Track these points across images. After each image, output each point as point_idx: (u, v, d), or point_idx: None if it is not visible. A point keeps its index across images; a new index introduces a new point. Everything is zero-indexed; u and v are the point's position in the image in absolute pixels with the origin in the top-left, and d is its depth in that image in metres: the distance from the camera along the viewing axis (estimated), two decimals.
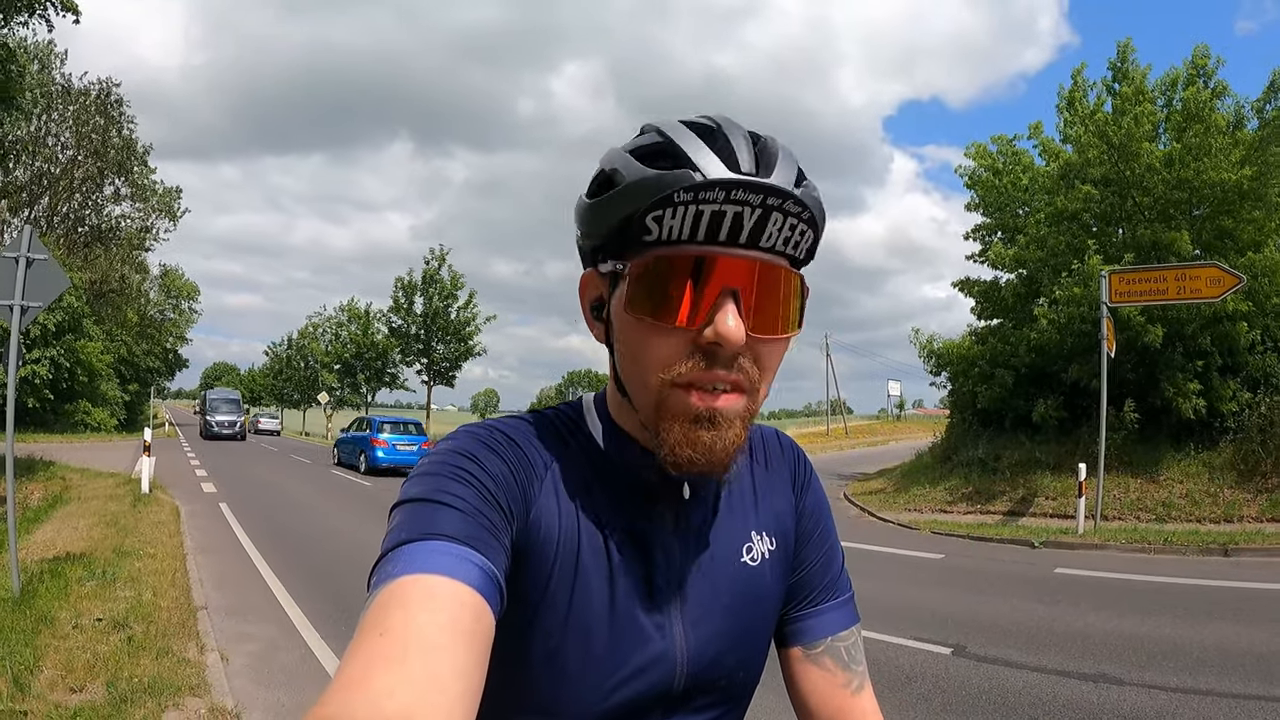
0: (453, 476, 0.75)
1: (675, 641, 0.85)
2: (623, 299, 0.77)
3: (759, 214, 0.73)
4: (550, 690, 0.81)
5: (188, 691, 4.61)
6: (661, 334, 0.75)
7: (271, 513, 13.24)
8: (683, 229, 0.73)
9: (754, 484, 0.96)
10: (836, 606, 0.98)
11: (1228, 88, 14.92)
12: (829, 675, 0.95)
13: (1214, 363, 14.31)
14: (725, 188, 0.71)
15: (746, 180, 0.71)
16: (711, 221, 0.72)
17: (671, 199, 0.72)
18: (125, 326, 47.08)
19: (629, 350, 0.79)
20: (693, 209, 0.72)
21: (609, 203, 0.77)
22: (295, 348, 66.55)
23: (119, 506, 12.02)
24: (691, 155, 0.74)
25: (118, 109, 40.46)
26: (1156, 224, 14.77)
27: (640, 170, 0.75)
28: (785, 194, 0.72)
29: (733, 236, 0.73)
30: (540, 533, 0.80)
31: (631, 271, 0.76)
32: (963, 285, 18.88)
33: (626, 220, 0.75)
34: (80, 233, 42.54)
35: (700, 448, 0.76)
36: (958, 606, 7.52)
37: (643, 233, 0.75)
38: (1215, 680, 5.22)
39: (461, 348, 46.22)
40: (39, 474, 15.89)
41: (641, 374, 0.78)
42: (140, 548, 8.69)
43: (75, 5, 15.40)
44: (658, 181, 0.73)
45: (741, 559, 0.91)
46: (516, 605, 0.78)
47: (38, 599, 6.16)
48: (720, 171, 0.73)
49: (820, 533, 1.00)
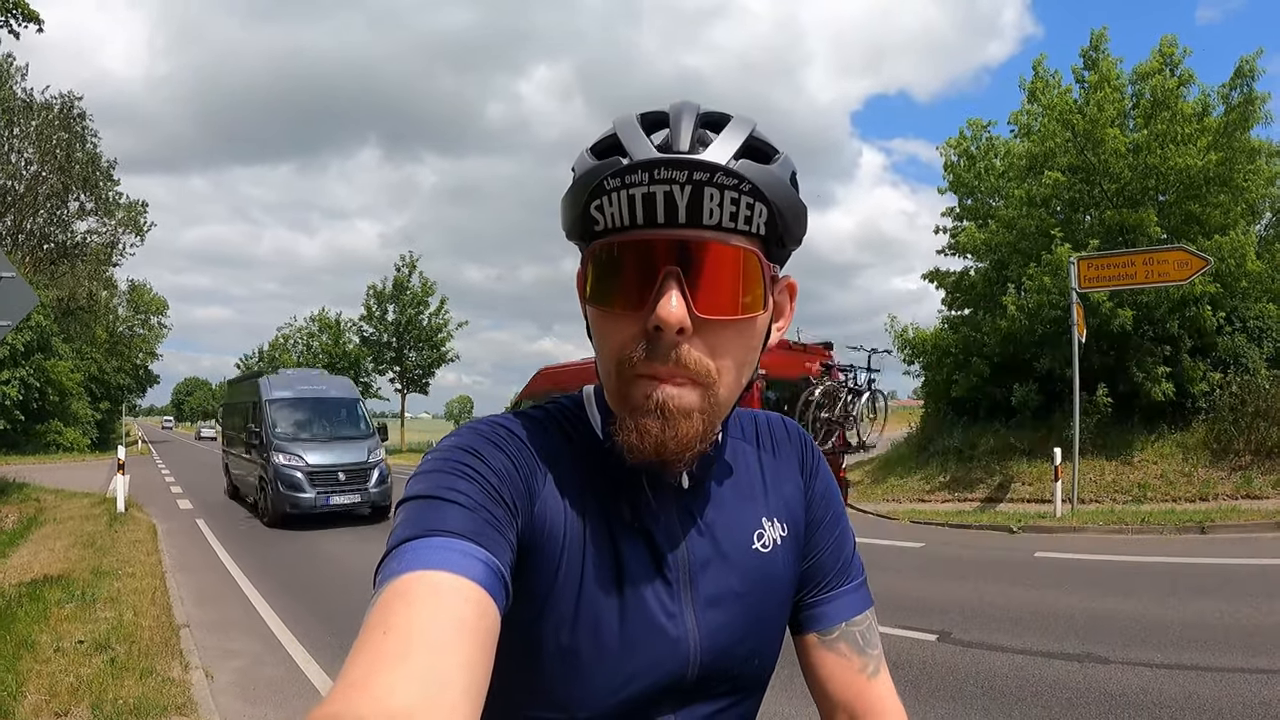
0: (456, 472, 0.75)
1: (687, 630, 0.84)
2: (581, 290, 0.80)
3: (690, 190, 0.72)
4: (563, 684, 0.81)
5: (174, 711, 4.55)
6: (614, 320, 0.77)
7: (249, 527, 13.10)
8: (621, 215, 0.74)
9: (762, 471, 0.96)
10: (850, 591, 0.98)
11: (1194, 76, 15.16)
12: (845, 660, 0.95)
13: (1184, 345, 14.53)
14: (647, 168, 0.71)
15: (667, 159, 0.71)
16: (645, 204, 0.73)
17: (603, 186, 0.73)
18: (95, 344, 46.49)
19: (595, 339, 0.81)
20: (624, 194, 0.73)
21: (566, 198, 0.79)
22: (267, 360, 65.94)
23: (95, 526, 11.85)
24: (625, 142, 0.75)
25: (80, 123, 39.89)
26: (1124, 209, 14.97)
27: (586, 162, 0.77)
28: (712, 167, 0.71)
29: (670, 217, 0.73)
30: (546, 526, 0.80)
31: (584, 262, 0.79)
32: (933, 277, 19.03)
33: (577, 214, 0.77)
34: (46, 249, 41.85)
35: (649, 439, 0.75)
36: (940, 593, 7.58)
37: (591, 224, 0.76)
38: (1198, 655, 5.29)
39: (434, 354, 46.03)
40: (12, 496, 15.65)
41: (604, 362, 0.80)
42: (119, 567, 8.57)
43: (37, 15, 15.19)
44: (594, 171, 0.75)
45: (753, 546, 0.91)
46: (525, 600, 0.78)
47: (17, 623, 6.06)
48: (646, 153, 0.73)
49: (832, 517, 1.00)
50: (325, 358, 53.38)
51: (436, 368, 46.95)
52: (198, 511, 15.11)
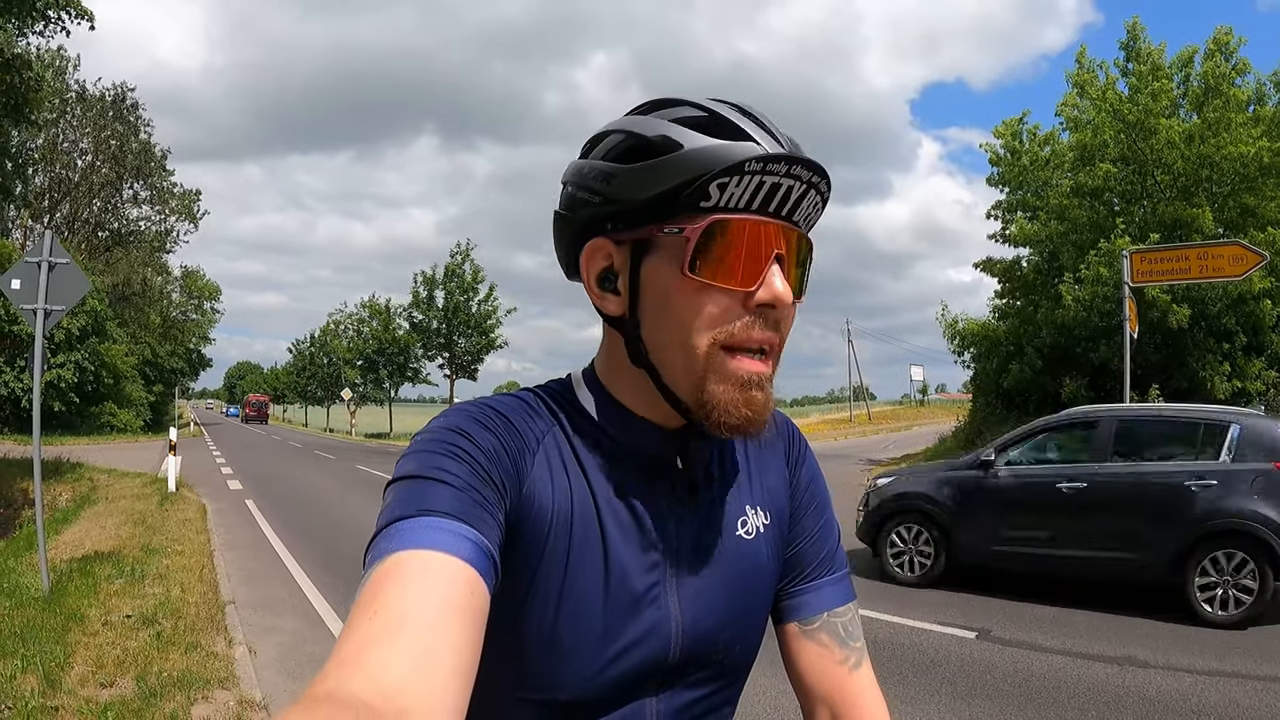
0: (445, 453, 0.75)
1: (671, 612, 0.84)
2: (676, 262, 0.78)
3: (804, 189, 0.78)
4: (547, 664, 0.81)
5: (216, 685, 4.67)
6: (719, 295, 0.78)
7: (297, 508, 13.37)
8: (742, 197, 0.77)
9: (747, 459, 0.97)
10: (832, 582, 0.98)
11: (1249, 65, 14.72)
12: (826, 651, 0.95)
13: (1239, 342, 14.14)
14: (789, 162, 0.76)
15: (805, 158, 0.77)
16: (769, 192, 0.77)
17: (742, 167, 0.75)
18: (148, 328, 47.57)
19: (677, 315, 0.80)
20: (757, 179, 0.76)
21: (659, 168, 0.78)
22: (318, 345, 67.06)
23: (146, 505, 12.17)
24: (748, 130, 0.78)
25: (134, 113, 40.82)
26: (1178, 201, 14.59)
27: (700, 139, 0.77)
28: (825, 174, 0.79)
29: (780, 208, 0.79)
30: (534, 506, 0.80)
31: (691, 235, 0.78)
32: (985, 265, 18.73)
33: (682, 186, 0.77)
34: (101, 237, 43.02)
35: (756, 407, 0.80)
36: (982, 590, 7.48)
37: (701, 198, 0.77)
38: (1240, 662, 5.18)
39: (483, 341, 46.41)
40: (67, 475, 16.10)
41: (690, 337, 0.79)
42: (168, 545, 8.80)
43: (89, 11, 15.53)
44: (726, 151, 0.76)
45: (737, 532, 0.91)
46: (512, 580, 0.78)
47: (67, 597, 6.25)
48: (778, 147, 0.78)
49: (816, 506, 1.00)
50: (375, 343, 54.20)
51: (485, 354, 47.37)
52: (247, 492, 15.45)
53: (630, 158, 0.80)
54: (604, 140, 0.84)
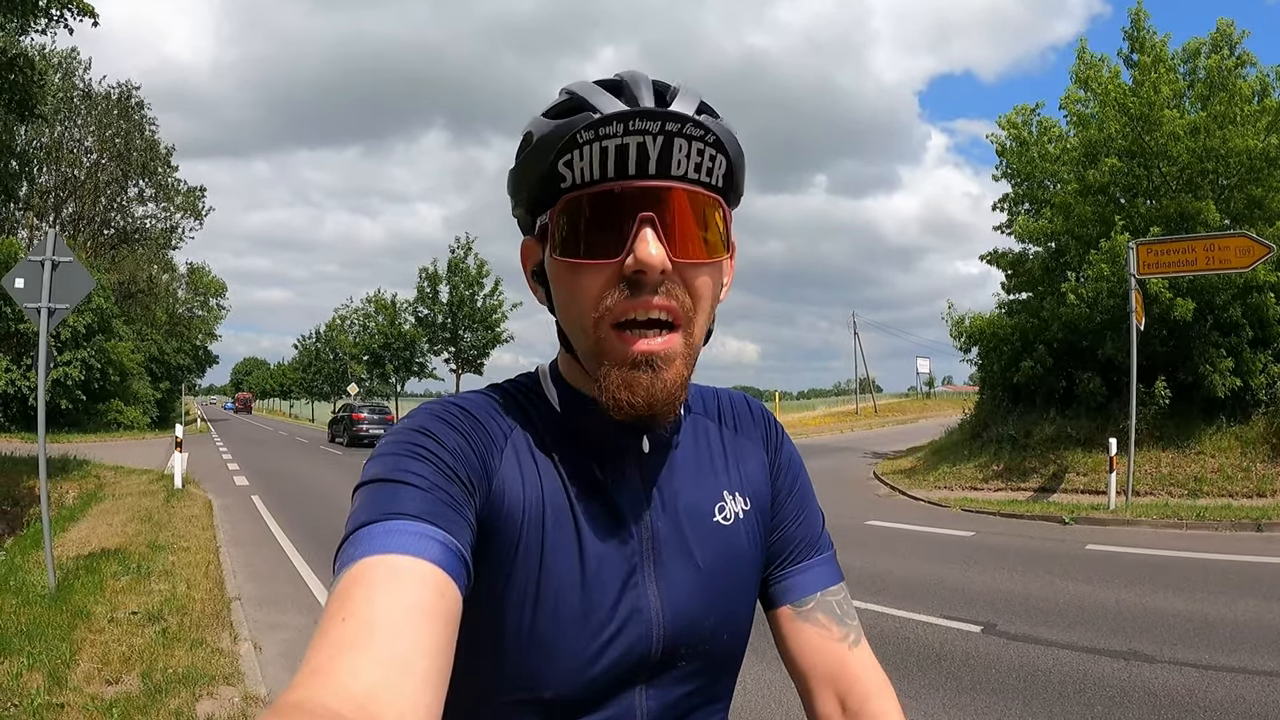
0: (411, 454, 0.75)
1: (650, 602, 0.83)
2: (551, 248, 0.80)
3: (662, 141, 0.74)
4: (530, 662, 0.80)
5: (222, 681, 4.68)
6: (588, 272, 0.77)
7: (303, 504, 13.40)
8: (592, 169, 0.76)
9: (724, 446, 0.96)
10: (822, 563, 0.97)
11: (1253, 57, 14.63)
12: (824, 630, 0.93)
13: (1245, 335, 14.07)
14: (622, 119, 0.73)
15: (641, 110, 0.73)
16: (618, 156, 0.75)
17: (575, 140, 0.74)
18: (155, 325, 47.71)
19: (563, 297, 0.81)
20: (596, 146, 0.74)
21: (526, 162, 0.80)
22: (324, 340, 67.20)
23: (152, 502, 12.21)
24: (591, 99, 0.77)
25: (139, 111, 40.87)
26: (1183, 194, 14.51)
27: (547, 124, 0.78)
28: (684, 118, 0.73)
29: (641, 168, 0.75)
30: (505, 503, 0.79)
31: (551, 218, 0.79)
32: (992, 258, 18.65)
33: (542, 175, 0.78)
34: (106, 235, 43.08)
35: (640, 390, 0.77)
36: (988, 584, 7.48)
37: (558, 181, 0.77)
38: (1247, 658, 5.14)
39: (489, 335, 46.48)
40: (73, 473, 16.16)
41: (577, 318, 0.80)
42: (174, 542, 8.83)
43: (91, 9, 15.51)
44: (562, 128, 0.75)
45: (714, 518, 0.90)
46: (488, 578, 0.78)
47: (73, 594, 6.28)
48: (617, 107, 0.75)
49: (798, 488, 1.00)
50: (381, 338, 54.27)
51: (491, 348, 47.39)
52: (253, 488, 15.50)
53: (517, 156, 0.82)
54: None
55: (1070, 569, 8.13)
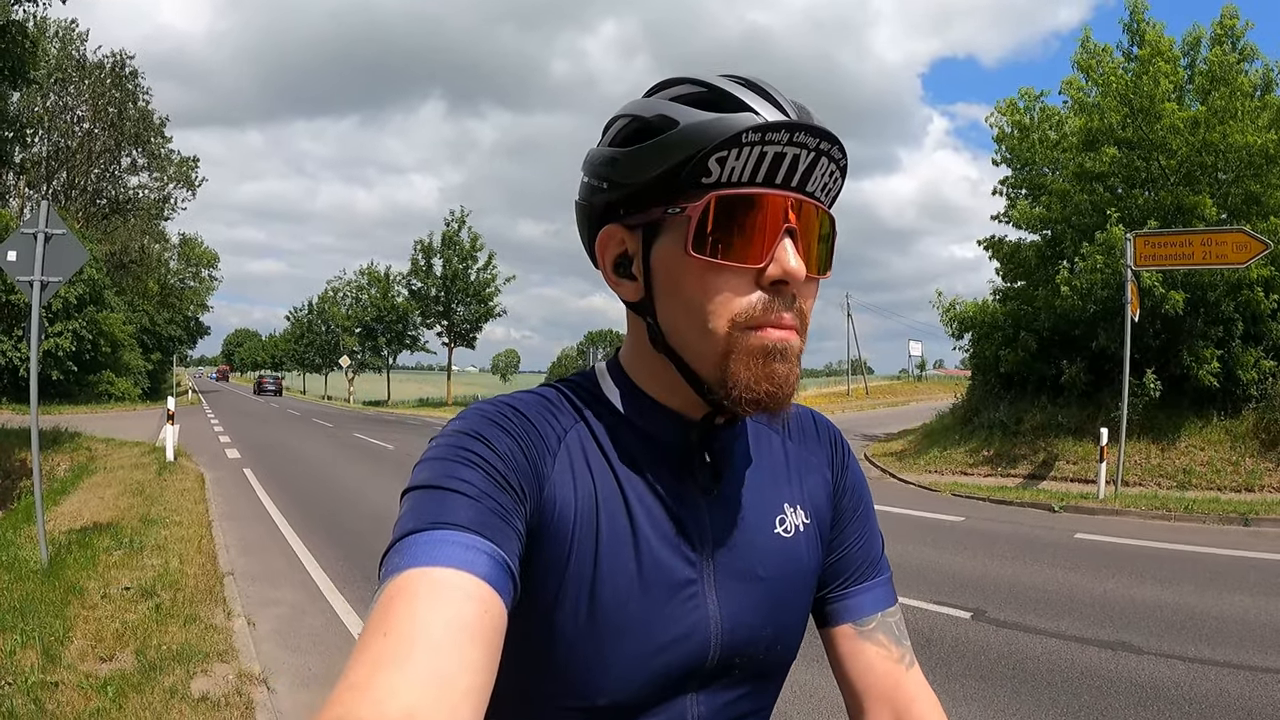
0: (460, 460, 0.73)
1: (709, 610, 0.82)
2: (681, 243, 0.77)
3: (812, 158, 0.75)
4: (584, 673, 0.79)
5: (216, 657, 4.69)
6: (729, 274, 0.76)
7: (295, 477, 13.42)
8: (744, 170, 0.75)
9: (786, 457, 0.95)
10: (883, 584, 0.98)
11: (1257, 50, 14.55)
12: (884, 651, 0.94)
13: (1236, 330, 14.11)
14: (789, 130, 0.73)
15: (808, 125, 0.74)
16: (773, 163, 0.75)
17: (739, 139, 0.73)
18: (146, 296, 47.51)
19: (689, 297, 0.78)
20: (758, 150, 0.74)
21: (658, 148, 0.77)
22: (316, 312, 66.99)
23: (144, 475, 12.20)
24: (747, 101, 0.76)
25: (133, 81, 40.50)
26: (1180, 188, 14.50)
27: (696, 114, 0.76)
28: (834, 139, 0.76)
29: (787, 179, 0.76)
30: (556, 508, 0.78)
31: (692, 213, 0.76)
32: (989, 244, 18.61)
33: (681, 164, 0.75)
34: (99, 205, 42.81)
35: (776, 380, 0.77)
36: (977, 570, 7.53)
37: (701, 174, 0.75)
38: (1232, 652, 5.20)
39: (482, 309, 46.44)
40: (65, 445, 16.13)
41: (706, 319, 0.77)
42: (166, 516, 8.82)
43: None
44: (722, 124, 0.74)
45: (774, 530, 0.89)
46: (538, 587, 0.77)
47: (66, 569, 6.27)
48: (780, 115, 0.76)
49: (863, 510, 1.00)
50: (374, 311, 54.15)
51: (484, 322, 47.33)
52: (245, 461, 15.49)
53: (632, 141, 0.79)
54: (612, 126, 0.84)
55: (1059, 557, 8.19)
